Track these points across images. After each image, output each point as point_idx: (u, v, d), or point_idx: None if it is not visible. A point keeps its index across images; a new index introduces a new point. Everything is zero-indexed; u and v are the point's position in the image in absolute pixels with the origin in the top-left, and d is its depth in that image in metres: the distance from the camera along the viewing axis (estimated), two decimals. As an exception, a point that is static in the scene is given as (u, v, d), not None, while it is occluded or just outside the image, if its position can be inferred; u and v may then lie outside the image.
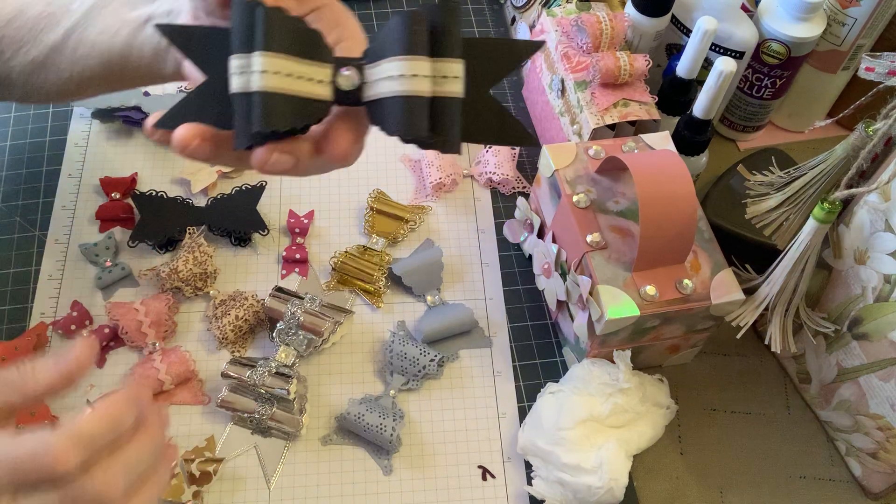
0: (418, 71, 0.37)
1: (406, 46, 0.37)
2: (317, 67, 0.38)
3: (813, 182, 0.57)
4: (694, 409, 0.64)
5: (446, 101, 0.38)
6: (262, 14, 0.37)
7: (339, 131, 0.40)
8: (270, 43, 0.37)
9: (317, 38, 0.38)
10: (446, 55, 0.38)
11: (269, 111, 0.37)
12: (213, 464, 0.57)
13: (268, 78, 0.37)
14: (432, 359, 0.62)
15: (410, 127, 0.37)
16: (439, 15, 0.38)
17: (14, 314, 0.63)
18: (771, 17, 0.68)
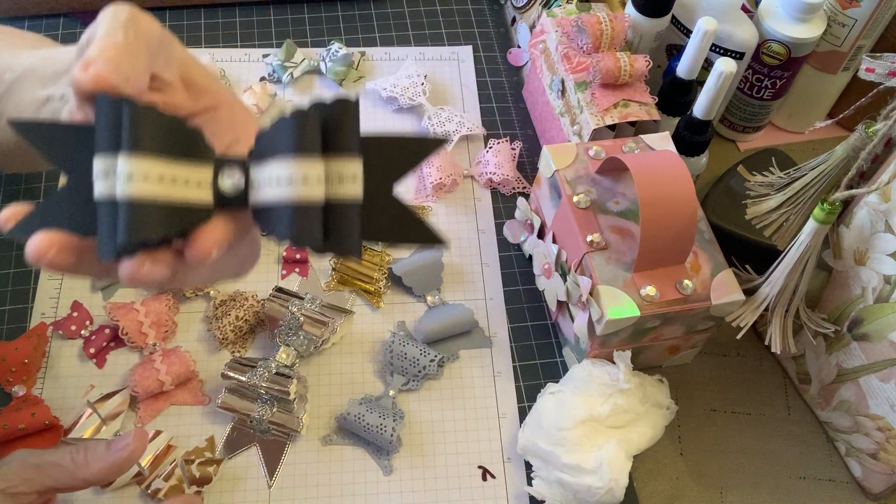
0: (309, 173, 0.33)
1: (295, 146, 0.33)
2: (195, 169, 0.34)
3: (813, 183, 0.57)
4: (694, 410, 0.64)
5: (343, 205, 0.35)
6: (129, 112, 0.33)
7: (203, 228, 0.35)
8: (139, 144, 0.33)
9: (195, 136, 0.35)
10: (342, 154, 0.34)
11: (137, 221, 0.33)
12: (213, 464, 0.57)
13: (135, 183, 0.32)
14: (432, 359, 0.62)
15: (301, 236, 0.34)
16: (334, 111, 0.34)
17: (14, 314, 0.63)
18: (771, 18, 0.68)
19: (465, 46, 0.83)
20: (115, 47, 0.38)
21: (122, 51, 0.38)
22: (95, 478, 0.50)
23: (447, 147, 0.73)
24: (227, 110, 0.43)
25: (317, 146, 0.34)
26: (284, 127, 0.34)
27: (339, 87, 0.78)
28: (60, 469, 0.50)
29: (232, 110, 0.43)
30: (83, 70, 0.36)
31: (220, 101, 0.43)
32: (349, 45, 0.81)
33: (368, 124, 0.76)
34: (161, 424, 0.59)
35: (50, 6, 0.79)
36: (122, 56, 0.37)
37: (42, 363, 0.61)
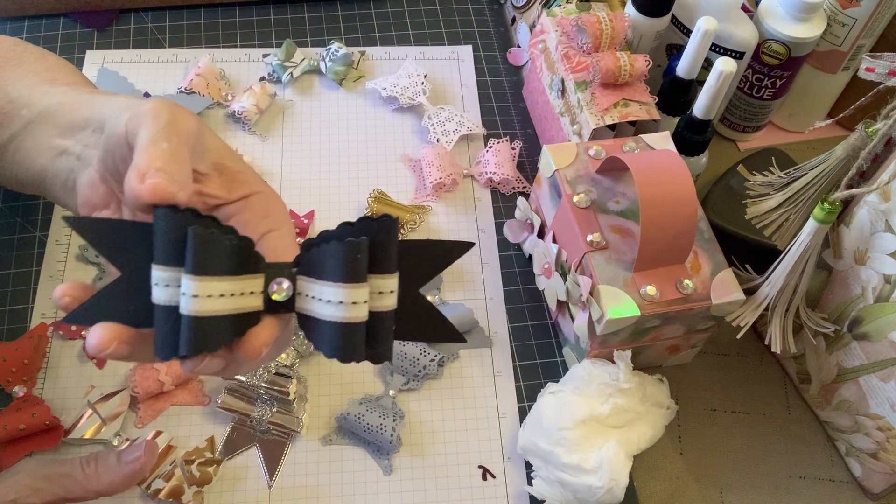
0: (357, 299, 0.36)
1: (345, 275, 0.36)
2: (249, 280, 0.37)
3: (813, 182, 0.57)
4: (694, 409, 0.64)
5: (381, 316, 0.38)
6: (193, 236, 0.35)
7: (254, 331, 0.38)
8: (202, 267, 0.35)
9: (248, 249, 0.37)
10: (384, 272, 0.37)
11: (200, 336, 0.36)
12: (213, 464, 0.57)
13: (198, 302, 0.35)
14: (432, 359, 0.62)
15: (348, 353, 0.37)
16: (377, 233, 0.37)
17: (14, 315, 0.63)
18: (771, 18, 0.68)
19: (465, 46, 0.83)
20: (163, 156, 0.39)
21: (170, 158, 0.40)
22: (106, 489, 0.51)
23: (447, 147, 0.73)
24: (261, 198, 0.45)
25: (364, 274, 0.37)
26: (337, 251, 0.36)
27: (339, 87, 0.78)
28: (71, 480, 0.50)
29: (264, 198, 0.45)
30: (139, 181, 0.38)
31: (253, 190, 0.45)
32: (349, 45, 0.81)
33: (369, 124, 0.76)
34: (161, 425, 0.59)
35: (50, 6, 0.79)
36: (170, 164, 0.39)
37: (42, 363, 0.61)
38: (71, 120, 0.47)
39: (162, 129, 0.41)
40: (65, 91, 0.50)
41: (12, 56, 0.55)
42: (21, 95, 0.51)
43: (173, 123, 0.41)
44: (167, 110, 0.42)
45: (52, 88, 0.51)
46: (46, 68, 0.54)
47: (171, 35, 0.80)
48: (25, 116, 0.49)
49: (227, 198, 0.44)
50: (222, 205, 0.44)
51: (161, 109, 0.42)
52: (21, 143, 0.50)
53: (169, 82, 0.77)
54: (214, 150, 0.45)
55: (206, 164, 0.44)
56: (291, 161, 0.73)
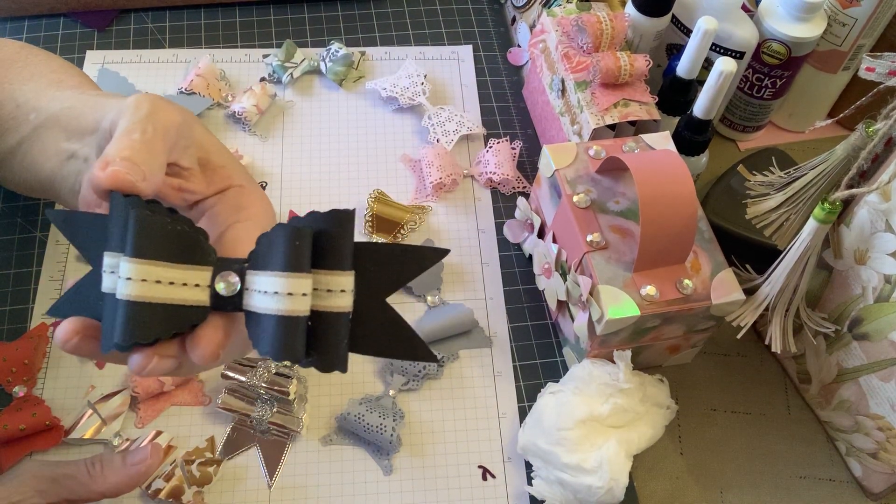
0: (296, 290, 0.34)
1: (284, 263, 0.34)
2: (194, 271, 0.35)
3: (813, 182, 0.57)
4: (694, 409, 0.64)
5: (330, 317, 0.35)
6: (134, 217, 0.34)
7: (204, 332, 0.36)
8: (140, 248, 0.34)
9: (197, 238, 0.36)
10: (333, 268, 0.35)
11: (133, 322, 0.34)
12: (213, 464, 0.57)
13: (133, 286, 0.34)
14: (432, 359, 0.62)
15: (282, 350, 0.34)
16: (328, 224, 0.35)
17: (15, 315, 0.63)
18: (771, 17, 0.68)
19: (465, 46, 0.83)
20: (132, 145, 0.39)
21: (140, 148, 0.39)
22: (111, 490, 0.51)
23: (447, 147, 0.73)
24: (237, 192, 0.44)
25: (305, 263, 0.34)
26: (278, 239, 0.34)
27: (339, 88, 0.78)
28: (75, 481, 0.50)
29: (241, 192, 0.44)
30: (101, 169, 0.37)
31: (232, 183, 0.45)
32: (349, 45, 0.81)
33: (369, 124, 0.76)
34: (161, 425, 0.59)
35: (50, 6, 0.79)
36: (139, 154, 0.39)
37: (43, 364, 0.61)
38: (78, 124, 0.47)
39: (138, 121, 0.40)
40: (71, 95, 0.50)
41: (17, 59, 0.55)
42: (28, 100, 0.51)
43: (152, 115, 0.41)
44: (148, 102, 0.41)
45: (59, 92, 0.51)
46: (52, 70, 0.54)
47: (171, 35, 0.80)
48: (33, 121, 0.49)
49: (205, 192, 0.44)
50: (201, 200, 0.44)
51: (142, 102, 0.41)
52: (29, 148, 0.50)
53: (169, 83, 0.77)
54: (200, 144, 0.44)
55: (189, 158, 0.43)
56: (292, 161, 0.73)
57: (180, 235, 0.35)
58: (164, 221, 0.35)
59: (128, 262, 0.34)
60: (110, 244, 0.36)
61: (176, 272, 0.35)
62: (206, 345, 0.36)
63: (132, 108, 0.41)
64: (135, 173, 0.38)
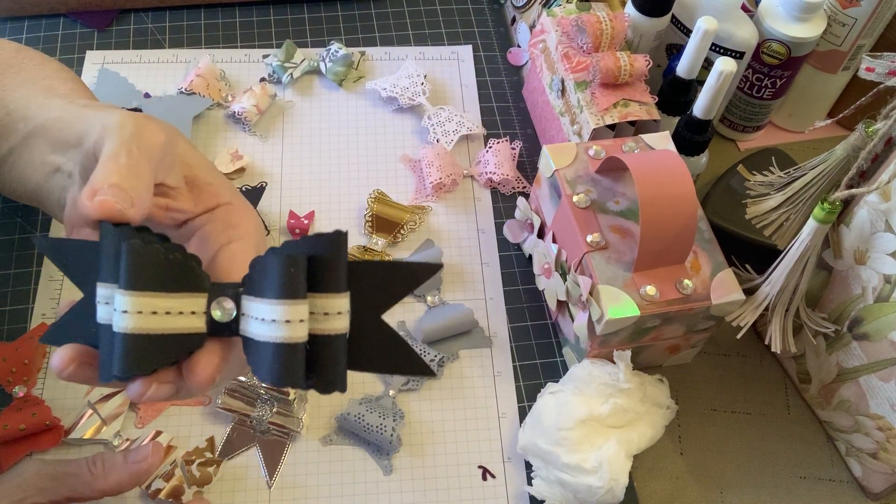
0: (293, 317, 0.34)
1: (279, 290, 0.34)
2: (189, 299, 0.35)
3: (813, 182, 0.57)
4: (694, 409, 0.64)
5: (328, 340, 0.35)
6: (127, 249, 0.34)
7: (200, 357, 0.36)
8: (134, 281, 0.34)
9: (190, 265, 0.36)
10: (329, 291, 0.34)
11: (131, 355, 0.34)
12: (213, 464, 0.57)
13: (130, 318, 0.34)
14: (432, 359, 0.62)
15: (282, 377, 0.34)
16: (322, 248, 0.34)
17: (15, 315, 0.63)
18: (771, 17, 0.68)
19: (465, 46, 0.83)
20: (119, 171, 0.39)
21: (126, 173, 0.39)
22: (112, 489, 0.51)
23: (447, 147, 0.73)
24: (227, 210, 0.44)
25: (301, 290, 0.34)
26: (272, 266, 0.34)
27: (339, 88, 0.78)
28: (77, 479, 0.50)
29: (230, 210, 0.44)
30: (89, 198, 0.37)
31: (220, 202, 0.44)
32: (349, 45, 0.81)
33: (369, 124, 0.76)
34: (161, 425, 0.59)
35: (50, 6, 0.79)
36: (126, 179, 0.38)
37: (43, 364, 0.61)
38: (63, 136, 0.46)
39: (123, 143, 0.40)
40: (60, 105, 0.49)
41: (12, 63, 0.54)
42: (18, 108, 0.50)
43: (137, 136, 0.40)
44: (132, 123, 0.41)
45: (48, 101, 0.50)
46: (45, 77, 0.54)
47: (171, 35, 0.80)
48: (22, 130, 0.49)
49: (193, 211, 0.43)
50: (190, 219, 0.44)
51: (126, 122, 0.41)
52: (18, 158, 0.49)
53: (169, 83, 0.77)
54: (186, 162, 0.44)
55: (176, 177, 0.43)
56: (292, 162, 0.73)
57: (173, 264, 0.35)
58: (157, 251, 0.35)
59: (123, 295, 0.34)
60: (103, 274, 0.35)
61: (172, 302, 0.35)
62: (202, 371, 0.36)
63: (116, 129, 0.41)
64: (123, 201, 0.37)
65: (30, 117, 0.49)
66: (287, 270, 0.34)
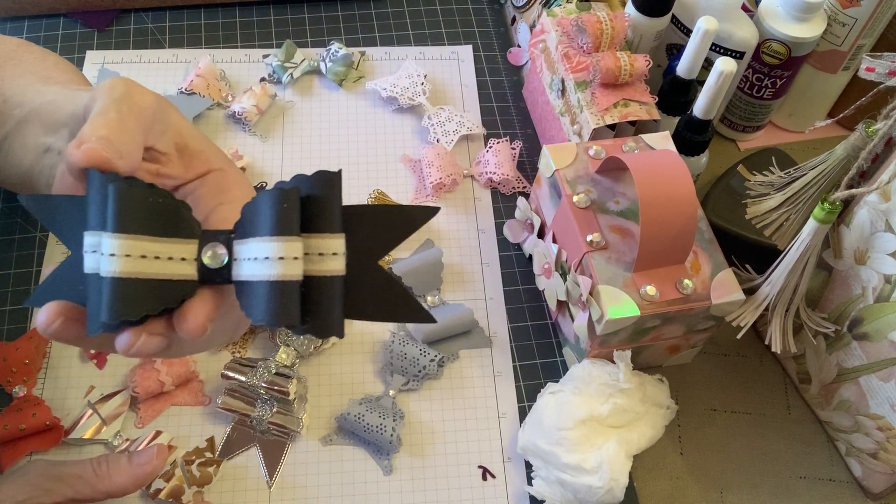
0: (287, 253, 0.33)
1: (272, 227, 0.33)
2: (179, 245, 0.34)
3: (813, 182, 0.57)
4: (694, 409, 0.64)
5: (323, 281, 0.34)
6: (114, 191, 0.33)
7: (191, 305, 0.35)
8: (122, 223, 0.33)
9: (181, 211, 0.35)
10: (323, 230, 0.34)
11: (119, 300, 0.33)
12: (213, 464, 0.57)
13: (118, 262, 0.33)
14: (432, 359, 0.62)
15: (278, 315, 0.33)
16: (316, 187, 0.34)
17: (15, 315, 0.63)
18: (771, 17, 0.68)
19: (465, 46, 0.83)
20: (107, 124, 0.38)
21: (116, 127, 0.39)
22: (117, 490, 0.51)
23: (447, 147, 0.73)
24: (218, 175, 0.44)
25: (295, 226, 0.33)
26: (264, 204, 0.34)
27: (339, 88, 0.78)
28: (81, 481, 0.50)
29: (222, 175, 0.44)
30: (76, 147, 0.36)
31: (212, 167, 0.44)
32: (349, 45, 0.81)
33: (369, 124, 0.76)
34: (161, 425, 0.59)
35: (50, 6, 0.79)
36: (115, 133, 0.38)
37: (43, 364, 0.61)
38: (55, 118, 0.46)
39: (112, 101, 0.40)
40: (55, 90, 0.49)
41: (13, 55, 0.55)
42: (14, 95, 0.50)
43: (127, 96, 0.40)
44: (122, 85, 0.41)
45: (45, 87, 0.50)
46: (44, 67, 0.54)
47: (171, 35, 0.80)
48: (17, 116, 0.49)
49: (184, 177, 0.43)
50: (181, 185, 0.44)
51: (116, 84, 0.41)
52: (11, 144, 0.49)
53: (169, 83, 0.77)
54: (177, 130, 0.44)
55: (166, 143, 0.43)
56: (292, 162, 0.73)
57: (163, 208, 0.34)
58: (145, 194, 0.34)
59: (111, 238, 0.33)
60: (90, 224, 0.34)
61: (161, 246, 0.34)
62: (193, 318, 0.35)
63: (106, 90, 0.41)
64: (111, 150, 0.37)
65: (24, 103, 0.49)
66: (280, 206, 0.33)
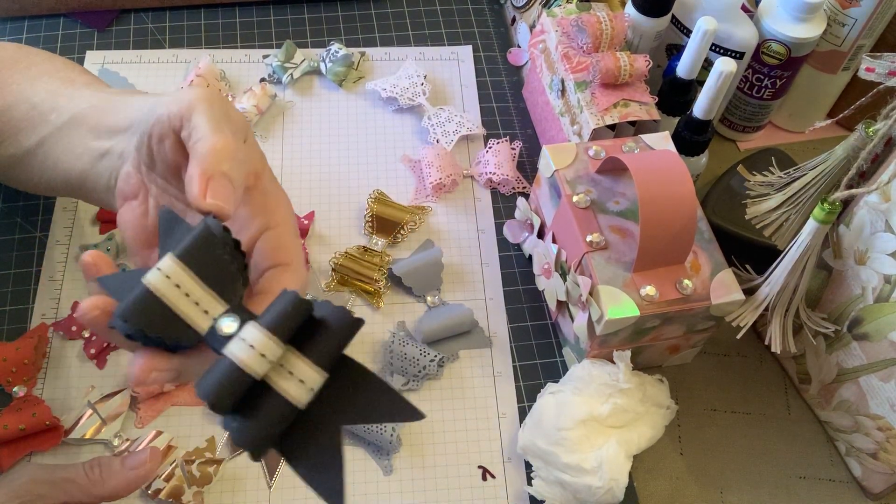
0: (265, 351, 0.34)
1: (270, 323, 0.35)
2: (211, 299, 0.37)
3: (813, 182, 0.57)
4: (694, 409, 0.64)
5: (278, 401, 0.34)
6: (202, 228, 0.37)
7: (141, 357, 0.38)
8: (185, 252, 0.37)
9: (234, 277, 0.38)
10: (312, 358, 0.35)
11: (136, 305, 0.36)
12: (213, 464, 0.57)
13: (159, 277, 0.36)
14: (432, 359, 0.62)
15: (211, 394, 0.34)
16: (335, 317, 0.35)
17: (15, 315, 0.63)
18: (771, 18, 0.68)
19: (465, 46, 0.83)
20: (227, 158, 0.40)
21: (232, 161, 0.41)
22: (110, 494, 0.51)
23: (447, 147, 0.73)
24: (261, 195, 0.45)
25: (287, 333, 0.35)
26: (280, 300, 0.36)
27: (339, 88, 0.78)
28: (74, 485, 0.50)
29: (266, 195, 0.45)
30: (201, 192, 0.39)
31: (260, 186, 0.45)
32: (349, 45, 0.81)
33: (369, 124, 0.76)
34: (161, 425, 0.59)
35: (50, 6, 0.79)
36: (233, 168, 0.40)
37: (43, 364, 0.61)
38: (106, 123, 0.48)
39: (216, 122, 0.41)
40: (90, 94, 0.50)
41: (18, 59, 0.55)
42: (44, 100, 0.51)
43: (227, 116, 0.42)
44: (218, 100, 0.43)
45: (75, 91, 0.51)
46: (57, 69, 0.54)
47: (171, 36, 0.80)
48: (55, 121, 0.50)
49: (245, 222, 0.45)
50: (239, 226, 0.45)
51: (213, 99, 0.42)
52: (51, 148, 0.50)
53: (169, 83, 0.77)
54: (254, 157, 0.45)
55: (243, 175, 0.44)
56: (292, 162, 0.73)
57: (223, 265, 0.37)
58: (217, 245, 0.37)
59: (168, 257, 0.36)
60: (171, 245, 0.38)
61: (197, 289, 0.37)
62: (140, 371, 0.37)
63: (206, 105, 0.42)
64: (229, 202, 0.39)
65: (61, 108, 0.50)
66: (286, 309, 0.35)
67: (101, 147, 0.47)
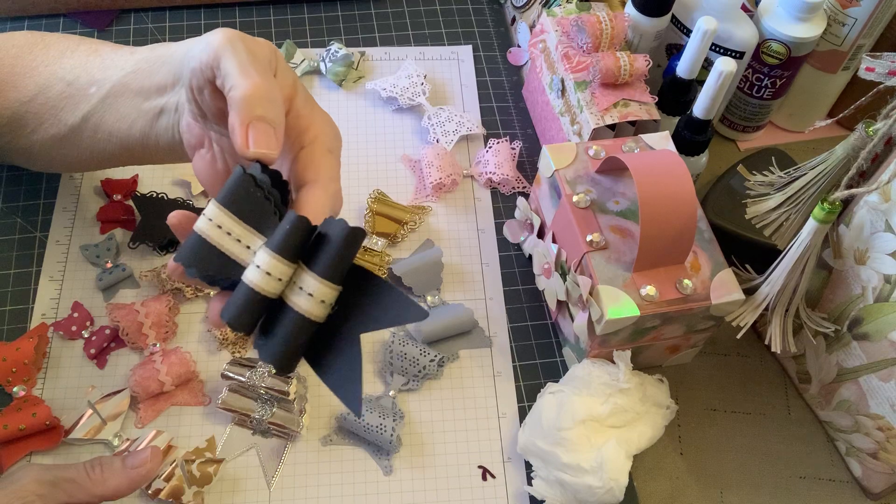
0: (272, 270, 0.38)
1: (275, 244, 0.38)
2: (250, 234, 0.40)
3: (813, 182, 0.57)
4: (694, 409, 0.64)
5: (295, 317, 0.38)
6: (236, 174, 0.40)
7: None
8: (224, 198, 0.40)
9: (268, 209, 0.40)
10: (315, 270, 0.38)
11: (190, 250, 0.40)
12: (213, 464, 0.57)
13: (205, 223, 0.40)
14: (432, 359, 0.62)
15: (234, 316, 0.38)
16: (339, 233, 0.38)
17: (15, 315, 0.63)
18: (771, 17, 0.68)
19: (465, 46, 0.83)
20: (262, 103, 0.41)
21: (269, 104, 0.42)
22: (111, 494, 0.51)
23: (447, 147, 0.73)
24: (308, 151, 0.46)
25: (293, 252, 0.38)
26: (284, 223, 0.39)
27: (338, 88, 0.78)
28: (75, 485, 0.50)
29: (313, 150, 0.46)
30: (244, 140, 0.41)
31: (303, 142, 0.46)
32: (349, 45, 0.81)
33: (369, 124, 0.76)
34: (161, 425, 0.59)
35: (50, 6, 0.79)
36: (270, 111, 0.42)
37: (43, 364, 0.61)
38: (153, 83, 0.49)
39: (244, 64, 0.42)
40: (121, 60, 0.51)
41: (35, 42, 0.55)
42: (78, 76, 0.51)
43: (253, 55, 0.43)
44: (241, 40, 0.43)
45: (104, 60, 0.52)
46: (76, 44, 0.55)
47: (171, 35, 0.80)
48: (96, 94, 0.51)
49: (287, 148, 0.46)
50: None
51: (235, 40, 0.43)
52: (101, 121, 0.51)
53: (169, 83, 0.77)
54: (285, 84, 0.46)
55: None
56: (291, 161, 0.73)
57: (257, 201, 0.40)
58: (251, 183, 0.40)
59: (210, 204, 0.40)
60: None
61: (238, 227, 0.40)
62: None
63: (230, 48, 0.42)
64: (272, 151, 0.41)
65: (98, 80, 0.51)
66: (288, 230, 0.38)
67: (154, 106, 0.49)
